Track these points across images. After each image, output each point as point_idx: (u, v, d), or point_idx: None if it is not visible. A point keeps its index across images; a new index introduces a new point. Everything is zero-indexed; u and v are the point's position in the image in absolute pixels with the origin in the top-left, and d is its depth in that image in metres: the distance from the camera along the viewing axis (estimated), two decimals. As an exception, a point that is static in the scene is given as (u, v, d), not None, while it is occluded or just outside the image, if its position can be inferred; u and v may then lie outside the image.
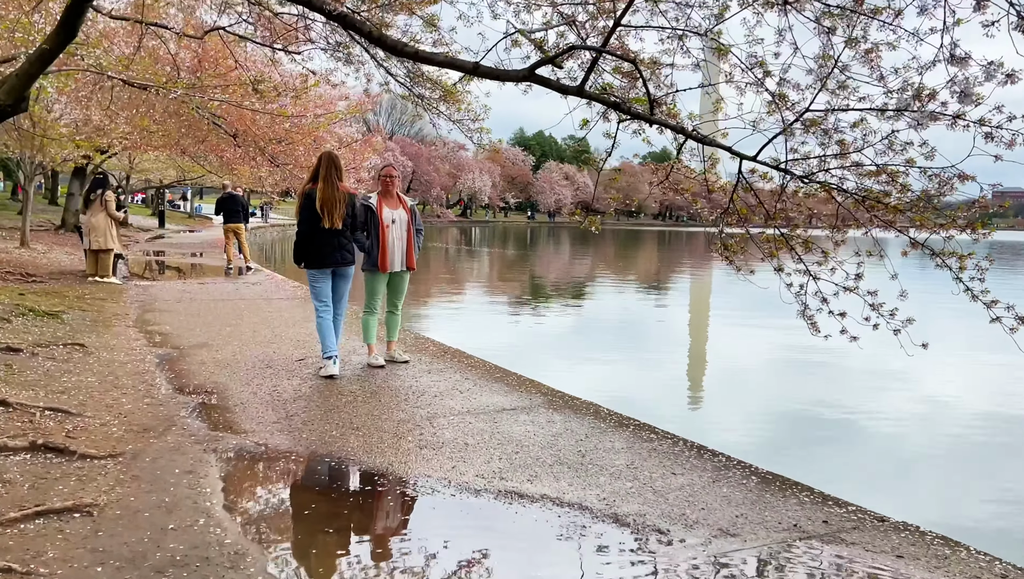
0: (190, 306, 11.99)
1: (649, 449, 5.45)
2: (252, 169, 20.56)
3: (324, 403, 6.47)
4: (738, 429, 9.32)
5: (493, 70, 6.29)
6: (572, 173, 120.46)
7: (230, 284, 15.48)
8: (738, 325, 18.27)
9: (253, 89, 9.92)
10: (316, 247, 7.56)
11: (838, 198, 7.07)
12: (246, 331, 9.87)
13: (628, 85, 7.16)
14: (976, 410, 10.65)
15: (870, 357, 12.51)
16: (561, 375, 10.43)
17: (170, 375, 7.32)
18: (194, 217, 53.13)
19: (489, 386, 7.21)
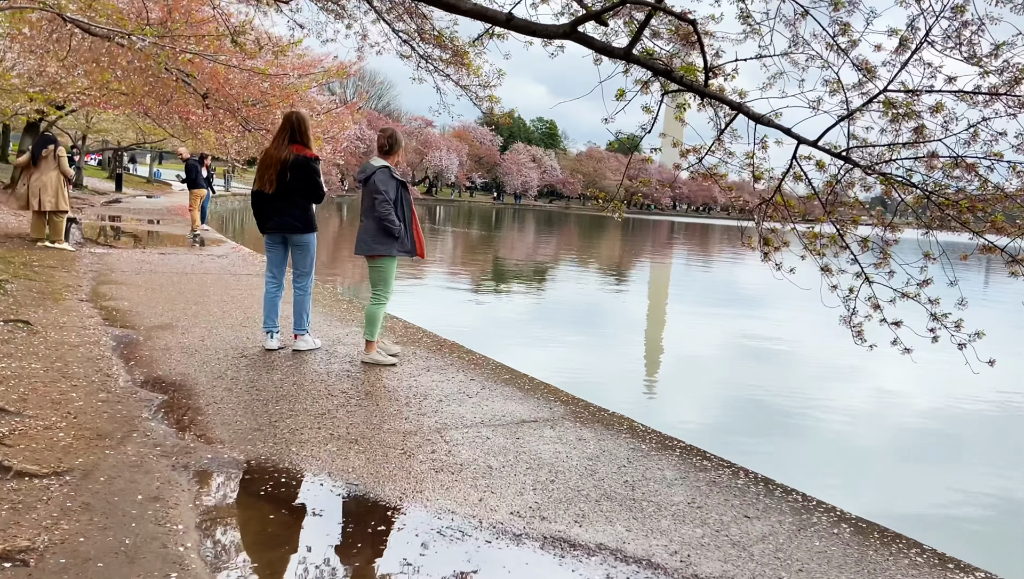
0: (151, 279, 10.89)
1: (707, 481, 4.60)
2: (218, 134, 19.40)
3: (313, 406, 5.52)
4: (695, 414, 9.42)
5: (529, 23, 5.36)
6: (539, 155, 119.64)
7: (193, 256, 14.35)
8: (695, 313, 18.51)
9: (232, 41, 8.82)
10: (261, 211, 7.03)
11: (901, 194, 6.27)
12: (214, 311, 8.84)
13: (672, 52, 6.28)
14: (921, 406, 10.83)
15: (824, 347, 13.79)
16: (521, 356, 10.46)
17: (129, 363, 6.31)
18: (153, 182, 51.27)
19: (500, 390, 6.31)
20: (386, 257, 6.80)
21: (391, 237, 6.71)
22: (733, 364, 12.87)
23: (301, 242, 7.10)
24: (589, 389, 8.71)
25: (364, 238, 6.77)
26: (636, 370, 12.11)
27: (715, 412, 9.83)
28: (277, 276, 7.23)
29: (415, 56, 7.82)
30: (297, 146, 6.81)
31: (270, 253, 7.21)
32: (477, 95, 7.65)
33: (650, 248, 45.07)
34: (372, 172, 6.66)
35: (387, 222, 6.60)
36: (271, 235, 7.10)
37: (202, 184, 19.38)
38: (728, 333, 15.73)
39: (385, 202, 6.59)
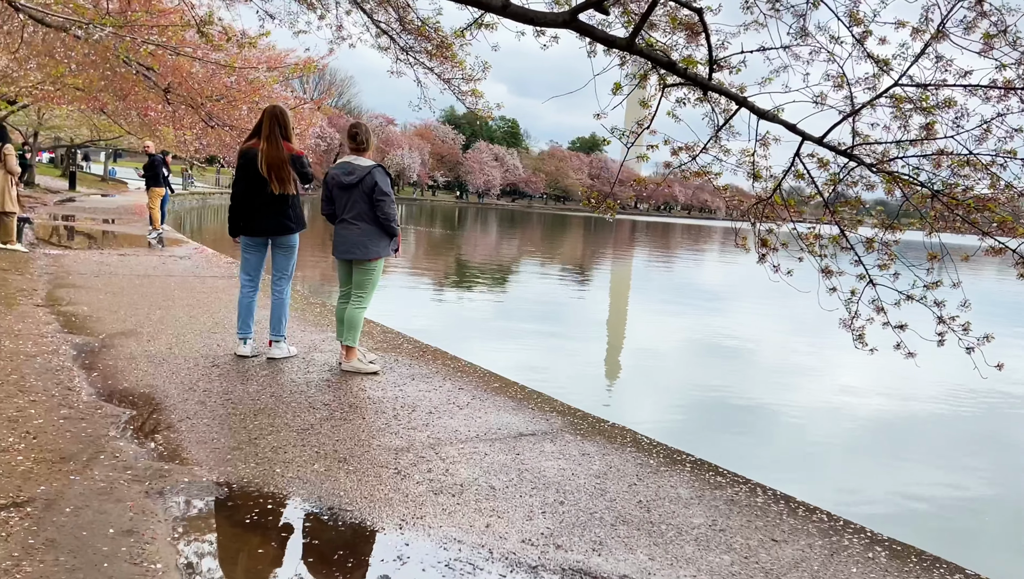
0: (110, 282, 10.37)
1: (725, 499, 4.30)
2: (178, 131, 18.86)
3: (295, 420, 5.14)
4: (657, 411, 9.46)
5: (526, 11, 5.03)
6: (502, 154, 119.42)
7: (155, 257, 13.79)
8: (656, 311, 18.94)
9: (198, 32, 8.37)
10: (252, 212, 6.59)
11: (906, 193, 6.05)
12: (180, 316, 8.39)
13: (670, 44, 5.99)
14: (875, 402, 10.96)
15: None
16: (487, 356, 10.32)
17: (92, 374, 5.87)
18: (108, 180, 50.05)
19: (491, 399, 5.97)
20: (380, 259, 6.48)
21: (387, 238, 6.41)
22: (700, 361, 13.03)
23: (289, 243, 6.76)
24: (562, 388, 9.40)
25: (360, 241, 6.39)
26: (598, 368, 12.22)
27: (683, 409, 9.90)
28: (254, 279, 6.85)
29: (394, 48, 7.44)
30: (285, 143, 6.44)
31: (249, 255, 6.82)
32: (460, 89, 7.29)
33: (613, 246, 45.00)
34: (365, 173, 6.29)
35: (393, 224, 6.38)
36: (256, 237, 6.71)
37: (162, 182, 18.75)
38: (694, 330, 16.04)
39: (392, 203, 6.34)
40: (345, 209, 6.47)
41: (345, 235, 6.50)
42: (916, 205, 5.99)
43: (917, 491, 7.70)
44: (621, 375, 11.85)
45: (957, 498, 7.67)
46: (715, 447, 8.06)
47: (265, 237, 6.72)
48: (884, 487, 7.73)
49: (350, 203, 6.44)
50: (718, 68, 5.28)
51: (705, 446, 7.78)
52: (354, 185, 6.36)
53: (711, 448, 7.60)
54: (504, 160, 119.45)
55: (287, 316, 6.86)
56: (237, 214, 6.71)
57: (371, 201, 6.29)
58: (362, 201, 6.34)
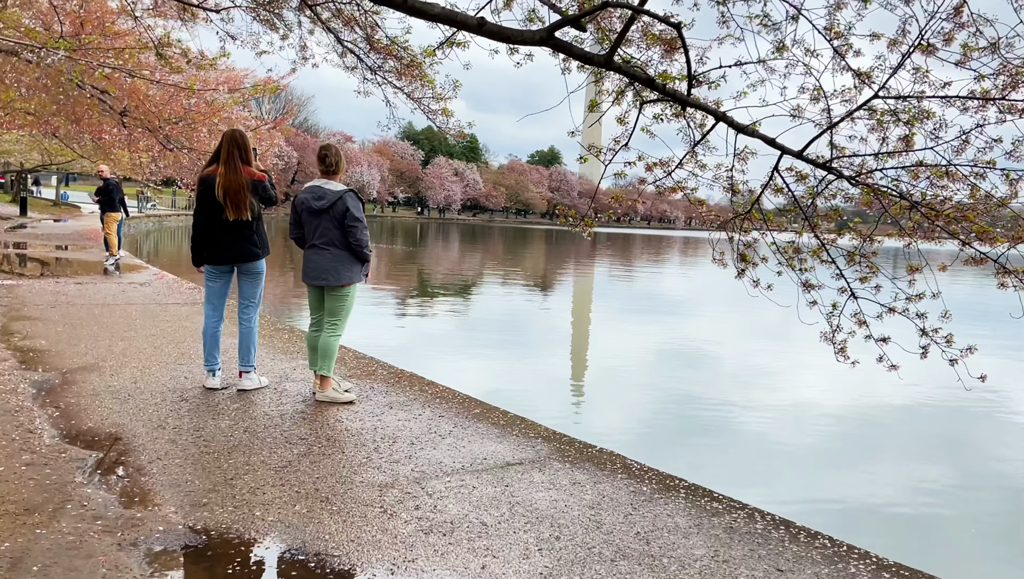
0: (69, 313, 10.03)
1: (724, 527, 4.17)
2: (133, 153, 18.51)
3: (271, 457, 4.93)
4: (621, 425, 9.41)
5: (502, 29, 4.90)
6: (462, 169, 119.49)
7: (114, 284, 13.41)
8: (619, 321, 19.03)
9: (157, 54, 8.13)
10: (214, 240, 6.39)
11: (885, 204, 6.01)
12: (144, 347, 8.10)
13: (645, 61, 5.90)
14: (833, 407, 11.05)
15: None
16: (452, 373, 10.51)
17: (54, 414, 5.60)
18: (60, 205, 49.04)
19: (473, 427, 5.80)
20: (353, 285, 6.30)
21: (359, 263, 6.25)
22: (665, 371, 13.09)
23: (255, 270, 6.56)
24: (530, 404, 9.46)
25: (331, 266, 6.21)
26: (565, 380, 12.19)
27: (652, 420, 9.93)
28: (219, 308, 6.63)
29: (361, 68, 7.28)
30: (246, 168, 6.26)
31: (213, 284, 6.60)
32: (430, 108, 7.14)
33: (576, 259, 45.05)
34: (336, 198, 6.11)
35: (366, 250, 6.20)
36: (221, 265, 6.50)
37: (118, 207, 18.28)
38: (660, 340, 16.19)
39: (365, 229, 6.16)
40: (315, 234, 6.29)
41: (316, 261, 6.32)
42: (895, 216, 5.95)
43: (885, 497, 7.69)
44: (589, 387, 11.82)
45: (926, 503, 7.67)
46: (685, 458, 8.27)
47: (230, 265, 6.52)
48: (853, 493, 7.73)
49: (320, 228, 6.25)
50: (697, 83, 5.19)
51: (675, 458, 8.10)
52: (324, 210, 6.18)
53: (679, 460, 7.90)
54: (464, 175, 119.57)
55: (256, 345, 6.64)
56: (199, 243, 6.50)
57: (342, 227, 6.12)
58: (333, 227, 6.16)
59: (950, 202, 5.77)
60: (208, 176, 6.31)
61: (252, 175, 6.27)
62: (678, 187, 6.70)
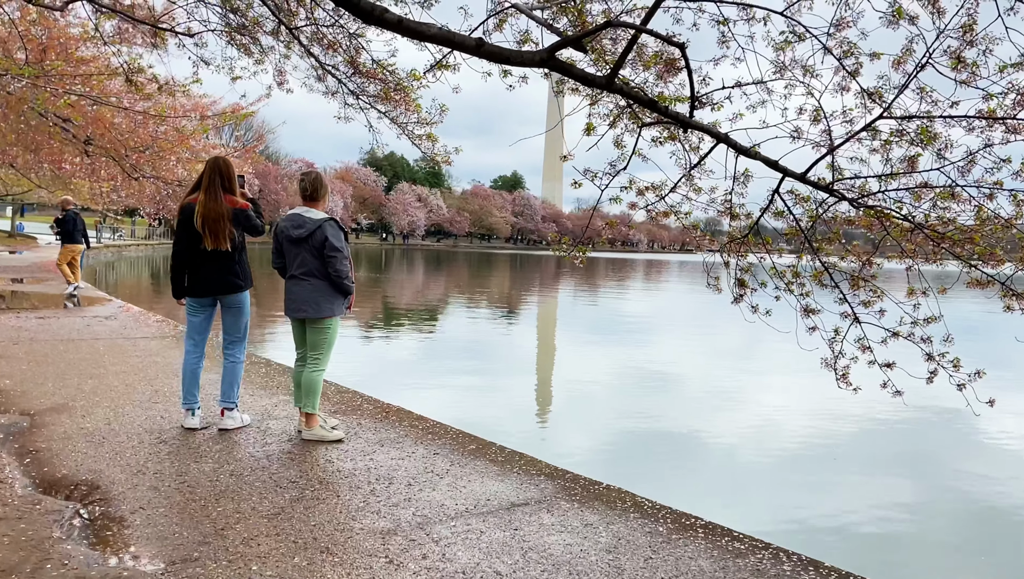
0: (32, 349, 9.61)
1: (751, 570, 3.96)
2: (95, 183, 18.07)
3: (262, 503, 4.64)
4: (584, 446, 9.45)
5: (502, 50, 4.71)
6: (425, 195, 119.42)
7: (78, 318, 12.95)
8: (583, 346, 18.98)
9: (127, 80, 7.83)
10: (194, 270, 6.14)
11: (887, 226, 5.89)
12: (115, 385, 7.74)
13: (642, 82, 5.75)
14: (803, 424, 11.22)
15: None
16: (421, 401, 10.42)
17: (24, 460, 5.26)
18: (16, 236, 47.94)
19: (471, 465, 5.55)
20: (335, 317, 6.03)
21: (341, 295, 5.99)
22: (631, 393, 13.12)
23: (237, 303, 6.27)
24: (502, 427, 9.64)
25: (311, 298, 5.96)
26: (531, 404, 12.19)
27: (617, 441, 9.97)
28: (200, 344, 6.34)
29: (342, 93, 7.06)
30: (228, 197, 6.00)
31: (194, 317, 6.31)
32: (414, 133, 6.94)
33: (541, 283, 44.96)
34: (316, 226, 5.86)
35: (347, 281, 5.91)
36: (201, 298, 6.21)
37: (79, 239, 17.76)
38: (627, 362, 16.23)
39: (345, 259, 5.88)
40: (295, 264, 6.03)
41: (296, 292, 6.06)
42: (896, 238, 5.84)
43: (854, 513, 7.68)
44: (557, 411, 11.80)
45: (889, 519, 7.63)
46: (653, 479, 8.27)
47: (211, 297, 6.24)
48: (819, 510, 7.71)
49: (300, 258, 6.00)
50: (699, 105, 5.05)
51: (644, 478, 8.14)
52: (304, 239, 5.93)
53: (652, 481, 7.89)
54: (427, 200, 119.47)
55: (239, 382, 6.35)
56: (179, 274, 6.23)
57: (322, 257, 5.87)
58: (312, 256, 5.91)
59: (953, 224, 5.68)
60: (188, 204, 6.07)
61: (235, 204, 6.02)
62: (671, 211, 6.56)
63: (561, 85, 5.61)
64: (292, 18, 6.60)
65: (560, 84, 5.62)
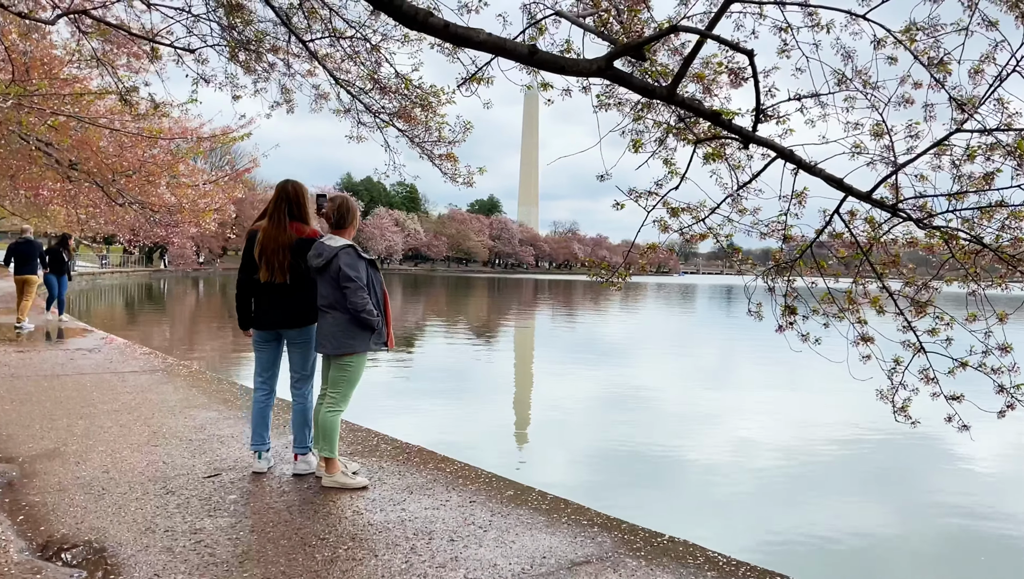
0: (14, 387, 8.99)
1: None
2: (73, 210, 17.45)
3: (292, 566, 4.11)
4: (570, 470, 9.40)
5: (556, 58, 4.29)
6: (402, 219, 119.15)
7: (59, 351, 12.31)
8: (562, 368, 18.89)
9: (121, 99, 7.33)
10: (258, 301, 5.70)
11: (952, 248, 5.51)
12: (109, 425, 7.18)
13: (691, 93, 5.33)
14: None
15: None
16: (401, 425, 10.32)
17: (17, 518, 4.71)
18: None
19: (514, 514, 5.05)
20: (358, 354, 5.52)
21: (367, 330, 5.46)
22: (614, 416, 13.02)
23: (301, 338, 5.75)
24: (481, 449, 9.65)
25: (330, 332, 5.49)
26: (510, 426, 12.09)
27: (598, 465, 9.93)
28: (268, 381, 5.87)
29: (355, 111, 6.61)
30: (296, 224, 5.52)
31: (259, 352, 5.84)
32: (434, 153, 6.49)
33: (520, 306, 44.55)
34: (332, 255, 5.38)
35: (364, 314, 5.36)
36: (264, 332, 5.74)
37: (33, 269, 16.52)
38: (611, 385, 16.14)
39: (360, 290, 5.34)
40: (320, 296, 5.56)
41: (320, 326, 5.60)
42: (962, 261, 5.46)
43: (837, 532, 7.68)
44: (536, 435, 11.68)
45: (866, 537, 7.63)
46: (635, 502, 8.13)
47: (273, 330, 5.74)
48: (801, 530, 7.67)
49: (322, 289, 5.54)
50: (764, 118, 4.64)
51: (625, 502, 8.06)
52: (322, 269, 5.46)
53: (637, 507, 7.86)
54: (405, 225, 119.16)
55: (312, 423, 5.82)
56: (243, 304, 5.79)
57: (341, 287, 5.38)
58: (331, 287, 5.44)
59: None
60: (253, 231, 5.64)
61: (302, 233, 5.54)
62: (710, 233, 6.15)
63: (607, 99, 5.18)
64: (306, 32, 6.15)
65: (605, 98, 5.20)
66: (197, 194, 12.00)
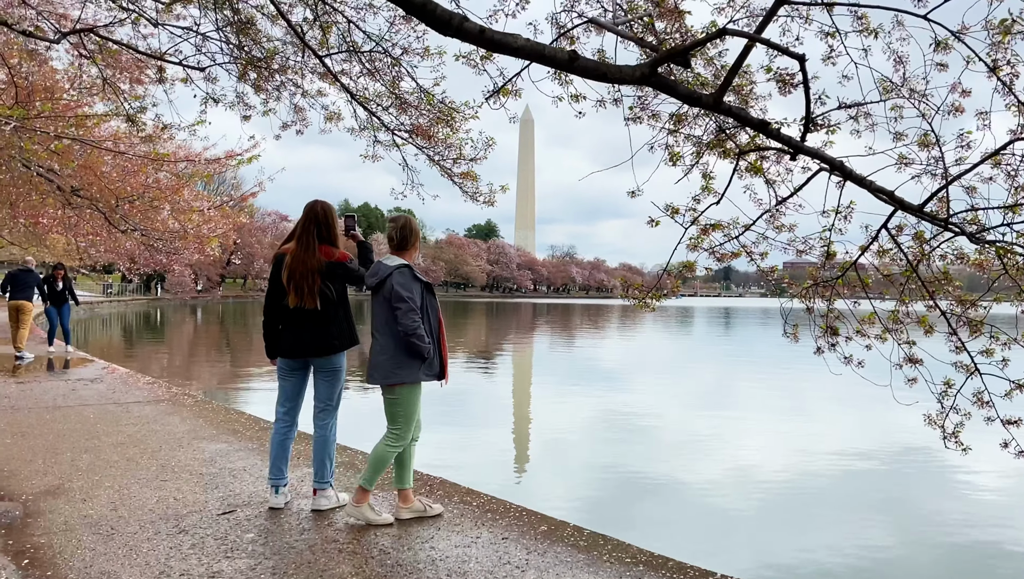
0: (15, 420, 8.68)
1: None
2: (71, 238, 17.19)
3: (322, 614, 3.81)
4: (571, 494, 9.14)
5: (599, 65, 4.06)
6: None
7: (61, 382, 12.00)
8: (561, 392, 18.58)
9: (128, 120, 7.09)
10: (285, 327, 5.43)
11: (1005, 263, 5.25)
12: (115, 459, 6.87)
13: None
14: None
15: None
16: None
17: (22, 562, 4.40)
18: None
19: (551, 552, 4.74)
20: (408, 385, 5.14)
21: (417, 358, 5.08)
22: (617, 438, 12.76)
23: (331, 366, 5.48)
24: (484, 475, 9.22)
25: (379, 360, 5.13)
26: (509, 450, 11.33)
27: (600, 488, 9.71)
28: (291, 412, 5.58)
29: (371, 129, 6.36)
30: (325, 247, 5.26)
31: (284, 381, 5.55)
32: (453, 171, 6.24)
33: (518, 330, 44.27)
34: (387, 274, 5.07)
35: (414, 339, 4.98)
36: (292, 360, 5.46)
37: (28, 295, 16.22)
38: (611, 407, 15.54)
39: (411, 312, 4.99)
40: (372, 319, 5.24)
41: (371, 352, 5.23)
42: (1016, 277, 5.19)
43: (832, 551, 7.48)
44: (534, 457, 11.31)
45: (870, 561, 7.34)
46: (638, 527, 7.90)
47: (301, 358, 5.46)
48: (807, 554, 7.43)
49: (374, 312, 5.20)
50: (814, 128, 4.39)
51: (630, 526, 7.76)
52: (375, 289, 5.15)
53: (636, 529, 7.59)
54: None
55: (333, 457, 5.53)
56: (270, 331, 5.52)
57: (393, 309, 5.06)
58: (383, 309, 5.10)
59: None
60: (280, 254, 5.38)
61: (331, 256, 5.27)
62: (743, 251, 5.89)
63: (641, 111, 4.94)
64: (321, 47, 5.92)
65: (639, 111, 4.96)
66: (202, 219, 11.74)
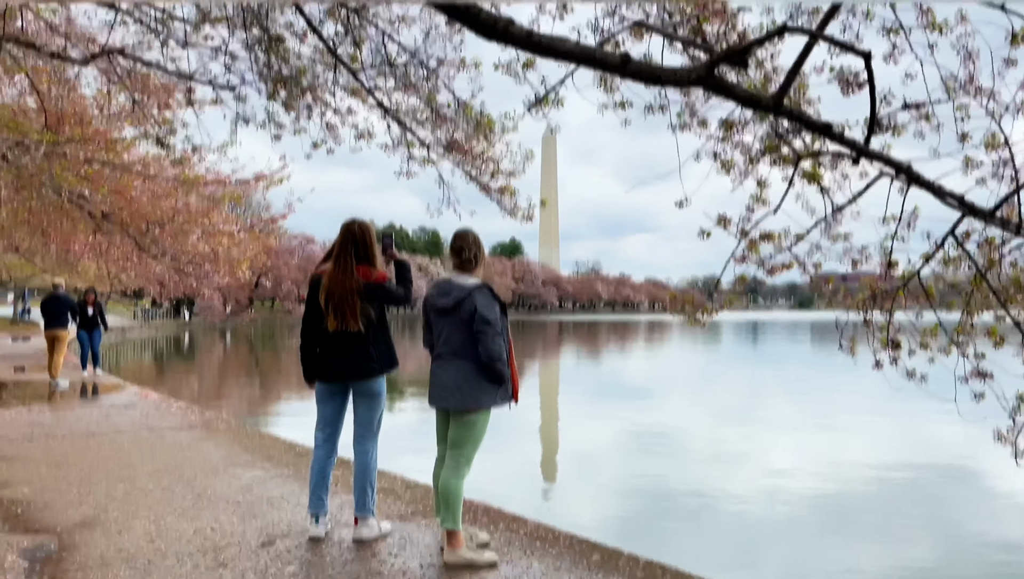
0: (51, 448, 8.58)
1: None
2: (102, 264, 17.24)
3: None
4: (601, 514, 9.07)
5: (652, 68, 3.87)
6: (425, 264, 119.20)
7: (94, 409, 11.92)
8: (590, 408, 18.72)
9: (157, 143, 6.98)
10: (322, 350, 5.23)
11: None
12: (150, 489, 6.72)
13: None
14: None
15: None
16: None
17: (58, 601, 4.23)
18: (19, 323, 46.80)
19: (607, 582, 4.51)
20: (484, 410, 4.90)
21: (496, 383, 4.84)
22: (644, 457, 12.59)
23: (371, 390, 5.29)
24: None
25: (454, 384, 4.85)
26: (536, 468, 10.91)
27: (630, 505, 9.74)
28: (331, 438, 5.39)
29: (404, 144, 6.21)
30: (363, 268, 5.09)
31: (323, 406, 5.37)
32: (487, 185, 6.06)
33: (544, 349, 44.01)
34: (466, 294, 4.83)
35: (499, 365, 4.74)
36: (331, 383, 5.29)
37: (66, 323, 16.18)
38: (642, 425, 15.08)
39: (497, 336, 4.74)
40: (440, 341, 4.97)
41: (440, 376, 4.95)
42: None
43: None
44: (563, 474, 11.48)
45: None
46: (670, 543, 7.85)
47: (340, 382, 5.29)
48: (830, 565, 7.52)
49: (445, 334, 4.93)
50: (878, 130, 4.16)
51: (660, 543, 7.74)
52: (450, 310, 4.88)
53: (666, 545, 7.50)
54: (428, 270, 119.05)
55: (375, 484, 5.34)
56: (308, 354, 5.33)
57: (471, 332, 4.82)
58: (459, 331, 4.84)
59: None
60: (317, 276, 5.20)
61: (369, 277, 5.08)
62: (795, 263, 5.65)
63: (691, 118, 4.73)
64: (353, 61, 5.78)
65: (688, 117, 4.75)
66: (231, 242, 11.65)
